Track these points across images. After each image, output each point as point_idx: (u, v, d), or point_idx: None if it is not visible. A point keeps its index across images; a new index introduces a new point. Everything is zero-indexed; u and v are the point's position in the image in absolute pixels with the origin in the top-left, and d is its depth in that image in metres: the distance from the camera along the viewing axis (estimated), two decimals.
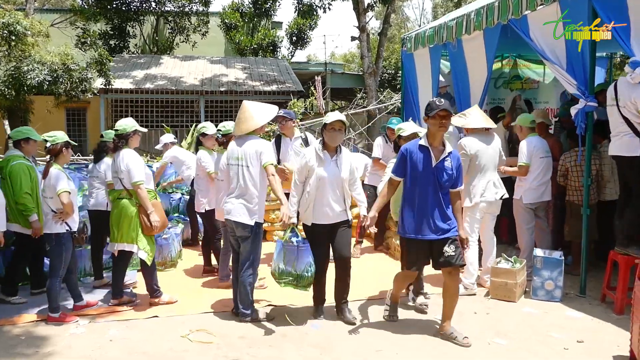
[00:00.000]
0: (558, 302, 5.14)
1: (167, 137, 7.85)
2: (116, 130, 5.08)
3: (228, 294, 5.47)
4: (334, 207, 4.57)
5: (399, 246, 6.73)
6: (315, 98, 13.36)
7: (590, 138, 5.28)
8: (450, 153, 4.23)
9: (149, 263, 5.05)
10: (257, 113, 4.75)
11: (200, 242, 7.13)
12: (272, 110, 4.86)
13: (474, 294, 5.37)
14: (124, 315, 4.88)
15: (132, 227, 4.96)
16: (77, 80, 12.36)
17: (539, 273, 5.22)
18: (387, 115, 17.28)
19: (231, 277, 5.16)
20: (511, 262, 5.34)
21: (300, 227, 4.77)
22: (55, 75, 11.78)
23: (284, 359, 4.03)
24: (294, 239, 4.60)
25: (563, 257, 5.29)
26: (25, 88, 11.52)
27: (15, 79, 11.38)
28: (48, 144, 4.81)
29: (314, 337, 4.40)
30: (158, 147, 7.82)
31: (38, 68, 11.50)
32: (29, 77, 11.32)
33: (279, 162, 6.14)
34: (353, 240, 6.65)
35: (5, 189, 5.03)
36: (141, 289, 5.64)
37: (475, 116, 5.46)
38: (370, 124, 16.17)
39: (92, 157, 6.01)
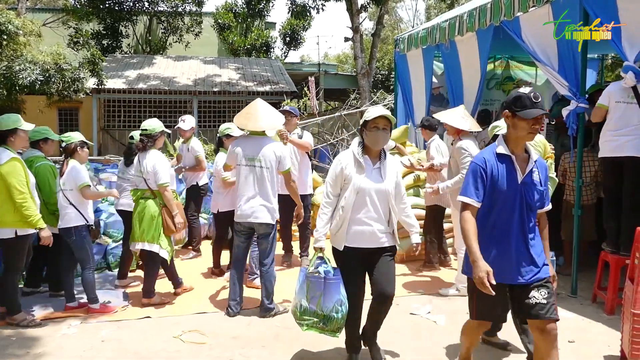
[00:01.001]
0: None
1: (193, 121, 7.20)
2: (144, 130, 5.13)
3: (222, 294, 5.47)
4: (374, 228, 3.58)
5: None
6: (308, 99, 13.37)
7: (582, 139, 5.31)
8: (536, 162, 3.10)
9: (168, 261, 5.21)
10: (264, 116, 4.81)
11: (193, 245, 7.13)
12: (279, 119, 4.96)
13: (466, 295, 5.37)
14: (116, 316, 4.86)
15: (154, 226, 5.02)
16: (69, 80, 12.31)
17: None
18: None
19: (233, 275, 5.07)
20: None
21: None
22: (47, 74, 11.72)
23: (276, 359, 4.03)
24: (321, 269, 3.61)
25: (555, 258, 5.31)
26: (17, 88, 11.45)
27: (7, 78, 11.30)
28: (63, 144, 4.93)
29: (307, 338, 4.39)
30: (182, 125, 6.98)
31: (30, 67, 11.44)
32: (20, 76, 11.25)
33: None
34: None
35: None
36: (133, 289, 5.63)
37: (468, 120, 5.40)
38: None
39: (123, 159, 6.02)
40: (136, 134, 5.71)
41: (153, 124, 5.19)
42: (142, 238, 5.03)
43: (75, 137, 5.01)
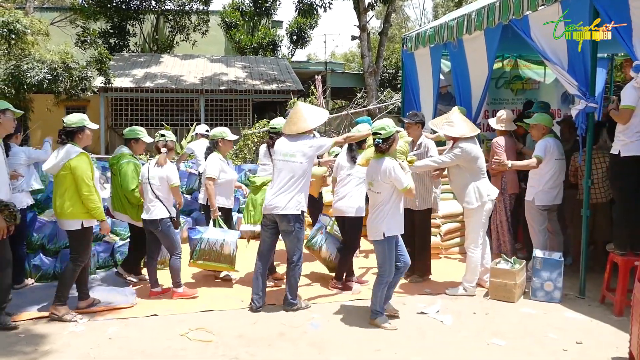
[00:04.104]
0: (557, 303, 5.14)
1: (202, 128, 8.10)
2: (273, 128, 5.86)
3: (228, 292, 5.49)
4: None
5: None
6: (315, 97, 13.34)
7: (591, 139, 5.26)
8: None
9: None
10: (309, 116, 4.94)
11: None
12: (324, 115, 5.09)
13: (474, 295, 5.36)
14: (123, 314, 4.88)
15: None
16: (76, 79, 12.37)
17: (539, 274, 5.22)
18: (387, 114, 17.28)
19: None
20: (510, 262, 5.34)
21: None
22: (55, 73, 11.78)
23: (281, 358, 4.03)
24: None
25: (562, 258, 5.29)
26: (25, 86, 11.52)
27: (15, 77, 11.37)
28: (167, 140, 5.34)
29: (312, 336, 4.39)
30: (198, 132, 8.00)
31: (38, 66, 11.49)
32: (28, 75, 11.32)
33: None
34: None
35: (116, 184, 5.52)
36: (141, 287, 5.65)
37: (461, 124, 5.35)
38: None
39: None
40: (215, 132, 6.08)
41: (281, 122, 5.73)
42: (258, 221, 5.52)
43: (169, 136, 5.39)
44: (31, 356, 4.01)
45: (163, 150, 5.27)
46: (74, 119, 4.80)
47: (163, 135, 5.35)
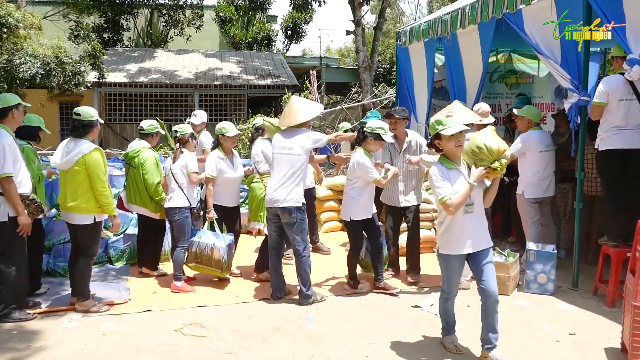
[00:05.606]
0: (551, 295, 5.16)
1: (205, 115, 7.44)
2: (254, 124, 6.13)
3: (223, 288, 5.48)
4: None
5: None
6: (310, 92, 13.34)
7: (584, 132, 5.27)
8: None
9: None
10: (302, 110, 4.99)
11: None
12: (317, 109, 5.20)
13: (468, 289, 5.38)
14: (117, 309, 4.87)
15: (261, 207, 5.60)
16: (70, 74, 12.28)
17: (532, 266, 5.24)
18: (382, 109, 17.30)
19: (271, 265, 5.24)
20: (504, 255, 5.36)
21: None
22: (48, 68, 11.69)
23: (276, 352, 4.03)
24: None
25: (556, 251, 5.32)
26: (18, 81, 11.41)
27: (8, 72, 11.27)
28: (178, 134, 5.55)
29: (308, 331, 4.40)
30: (193, 120, 7.22)
31: (30, 61, 11.40)
32: (21, 70, 11.22)
33: None
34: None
35: (136, 177, 5.62)
36: (136, 283, 5.64)
37: (462, 113, 5.36)
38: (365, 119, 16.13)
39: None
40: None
41: (260, 120, 6.13)
42: (253, 218, 5.84)
43: (187, 129, 5.62)
44: (24, 353, 4.00)
45: (177, 145, 5.54)
46: (91, 112, 4.84)
47: (176, 132, 5.59)
